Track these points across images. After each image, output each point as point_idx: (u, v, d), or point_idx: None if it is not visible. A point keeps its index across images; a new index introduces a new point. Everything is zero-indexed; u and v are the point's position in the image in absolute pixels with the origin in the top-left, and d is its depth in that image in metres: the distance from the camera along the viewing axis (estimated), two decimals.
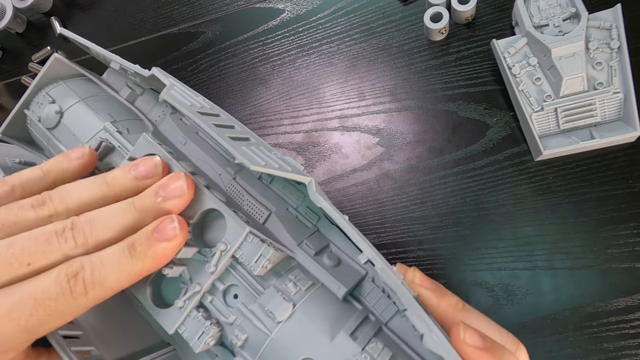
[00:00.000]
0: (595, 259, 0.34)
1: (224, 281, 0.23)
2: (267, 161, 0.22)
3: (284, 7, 0.47)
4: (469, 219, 0.37)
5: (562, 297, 0.34)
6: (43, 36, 0.55)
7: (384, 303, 0.24)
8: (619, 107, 0.35)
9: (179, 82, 0.28)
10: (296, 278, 0.23)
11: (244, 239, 0.22)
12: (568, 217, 0.35)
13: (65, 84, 0.30)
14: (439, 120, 0.40)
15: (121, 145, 0.27)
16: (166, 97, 0.22)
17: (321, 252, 0.25)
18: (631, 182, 0.35)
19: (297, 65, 0.45)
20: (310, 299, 0.23)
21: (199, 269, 0.22)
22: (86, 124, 0.28)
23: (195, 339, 0.22)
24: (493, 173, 0.38)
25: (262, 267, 0.22)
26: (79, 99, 0.29)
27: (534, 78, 0.36)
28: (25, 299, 0.18)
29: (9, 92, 0.55)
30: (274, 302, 0.22)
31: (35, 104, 0.30)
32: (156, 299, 0.23)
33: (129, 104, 0.31)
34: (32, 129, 0.30)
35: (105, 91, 0.31)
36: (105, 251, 0.20)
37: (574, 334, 0.33)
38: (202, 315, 0.22)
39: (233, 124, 0.25)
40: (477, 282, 0.36)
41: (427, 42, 0.42)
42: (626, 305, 0.33)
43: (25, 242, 0.19)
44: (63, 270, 0.19)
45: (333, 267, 0.24)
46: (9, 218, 0.20)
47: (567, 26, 0.36)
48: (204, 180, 0.25)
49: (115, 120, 0.28)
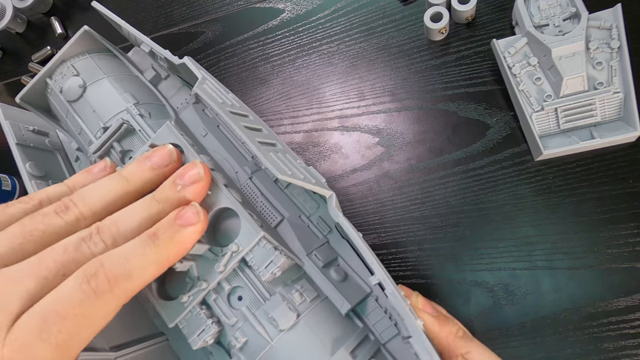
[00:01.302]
0: (595, 259, 0.34)
1: (230, 282, 0.23)
2: (293, 171, 0.22)
3: (284, 7, 0.47)
4: (469, 219, 0.37)
5: (562, 297, 0.34)
6: (43, 36, 0.55)
7: (385, 324, 0.24)
8: (619, 107, 0.35)
9: (209, 74, 0.27)
10: (302, 288, 0.23)
11: (257, 243, 0.22)
12: (568, 217, 0.35)
13: (91, 58, 0.29)
14: (439, 120, 0.40)
15: (142, 129, 0.26)
16: (199, 92, 0.22)
17: (329, 265, 0.25)
18: (631, 182, 0.35)
19: (297, 65, 0.45)
20: (314, 311, 0.22)
21: (207, 266, 0.22)
22: (108, 102, 0.28)
23: (195, 335, 0.22)
24: (493, 173, 0.38)
25: (271, 273, 0.22)
26: (104, 76, 0.28)
27: (534, 78, 0.36)
28: (49, 314, 0.17)
29: (9, 92, 0.55)
30: (279, 310, 0.22)
31: (58, 74, 0.29)
32: (159, 290, 0.23)
33: (152, 87, 0.30)
34: (52, 99, 0.30)
35: (130, 71, 0.30)
36: (127, 245, 0.19)
37: (574, 334, 0.33)
38: (205, 313, 0.22)
39: (260, 126, 0.25)
40: (477, 282, 0.36)
41: (427, 42, 0.42)
42: (626, 305, 0.33)
43: (55, 254, 0.19)
44: (81, 273, 0.18)
45: (339, 281, 0.24)
46: (37, 227, 0.20)
47: (567, 26, 0.36)
48: (223, 178, 0.25)
49: (138, 103, 0.28)
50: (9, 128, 0.29)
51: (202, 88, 0.23)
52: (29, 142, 0.30)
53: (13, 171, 0.50)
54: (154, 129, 0.26)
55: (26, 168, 0.28)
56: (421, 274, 0.37)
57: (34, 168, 0.28)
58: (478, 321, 0.35)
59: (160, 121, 0.27)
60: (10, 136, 0.29)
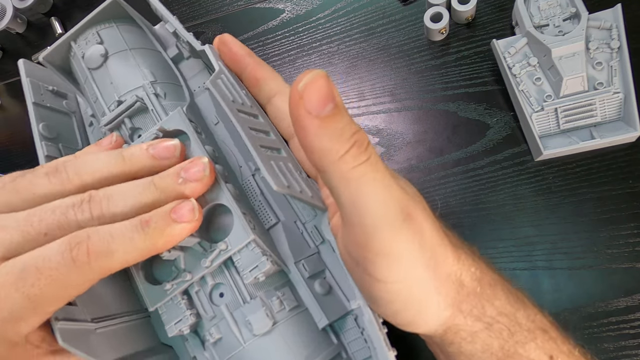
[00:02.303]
0: (595, 259, 0.34)
1: (214, 277, 0.23)
2: (291, 182, 0.22)
3: (284, 7, 0.47)
4: (469, 219, 0.37)
5: (562, 297, 0.34)
6: (43, 36, 0.55)
7: (359, 344, 0.23)
8: (619, 107, 0.35)
9: (226, 68, 0.27)
10: (284, 296, 0.23)
11: (246, 245, 0.22)
12: (568, 217, 0.35)
13: (117, 28, 0.29)
14: (439, 120, 0.40)
15: (155, 109, 0.26)
16: (211, 87, 0.22)
17: (315, 277, 0.24)
18: (631, 182, 0.35)
19: (297, 66, 0.45)
20: (291, 321, 0.23)
21: (194, 259, 0.23)
22: (127, 76, 0.27)
23: (172, 323, 0.23)
24: (493, 173, 0.38)
25: (254, 277, 0.22)
26: (126, 48, 0.28)
27: (534, 78, 0.36)
28: (29, 267, 0.18)
29: (9, 92, 0.55)
30: (256, 315, 0.22)
31: (83, 39, 0.29)
32: (146, 272, 0.24)
33: (173, 65, 0.30)
34: (74, 63, 0.30)
35: (153, 45, 0.30)
36: (117, 225, 0.20)
37: (574, 334, 0.33)
38: (185, 303, 0.23)
39: (268, 129, 0.25)
40: None
41: (427, 42, 0.42)
42: (626, 305, 0.33)
43: (43, 213, 0.20)
44: (67, 239, 0.19)
45: (322, 295, 0.24)
46: (25, 186, 0.21)
47: (567, 26, 0.36)
48: (225, 171, 0.25)
49: (156, 81, 0.28)
50: (29, 86, 0.29)
51: (215, 82, 0.22)
52: (46, 102, 0.29)
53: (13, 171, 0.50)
54: (167, 111, 0.26)
55: (39, 129, 0.28)
56: None
57: (47, 130, 0.28)
58: None
59: (175, 103, 0.27)
60: (29, 94, 0.28)
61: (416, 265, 0.20)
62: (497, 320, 0.22)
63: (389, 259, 0.19)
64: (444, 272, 0.21)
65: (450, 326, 0.22)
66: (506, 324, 0.22)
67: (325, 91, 0.17)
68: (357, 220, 0.19)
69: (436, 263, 0.20)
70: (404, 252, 0.19)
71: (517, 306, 0.22)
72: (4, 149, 0.53)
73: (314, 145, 0.17)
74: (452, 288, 0.21)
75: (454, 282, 0.21)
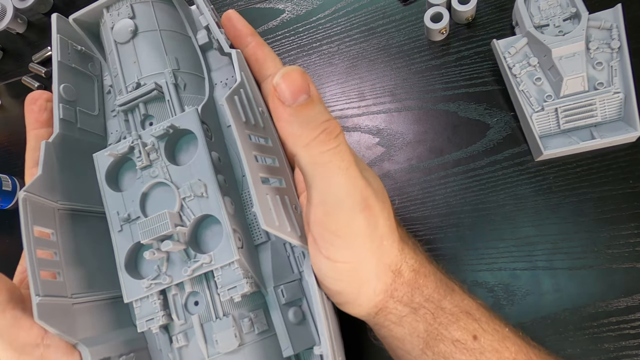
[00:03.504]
0: (595, 259, 0.34)
1: (193, 285, 0.23)
2: (282, 220, 0.22)
3: (284, 7, 0.47)
4: (469, 219, 0.37)
5: (562, 297, 0.34)
6: (43, 36, 0.55)
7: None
8: (620, 107, 0.35)
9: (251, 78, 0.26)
10: (256, 318, 0.23)
11: (229, 264, 0.22)
12: (568, 217, 0.35)
13: (151, 5, 0.28)
14: (439, 121, 0.40)
15: (171, 100, 0.26)
16: (225, 105, 0.21)
17: (290, 305, 0.24)
18: (632, 182, 0.35)
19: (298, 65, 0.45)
20: (257, 345, 0.23)
21: (176, 265, 0.23)
22: (151, 59, 0.27)
23: (144, 320, 0.23)
24: (493, 173, 0.38)
25: (230, 297, 0.22)
26: (156, 28, 0.28)
27: (534, 78, 0.36)
28: None
29: (9, 93, 0.55)
30: (224, 334, 0.22)
31: (115, 9, 0.28)
32: (130, 262, 0.24)
33: (200, 54, 0.30)
34: (103, 31, 0.29)
35: (184, 29, 0.30)
36: None
37: (574, 334, 0.33)
38: (160, 304, 0.23)
39: (275, 155, 0.24)
40: (477, 282, 0.36)
41: (428, 42, 0.42)
42: (627, 305, 0.33)
43: None
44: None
45: (294, 324, 0.24)
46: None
47: (567, 26, 0.36)
48: (226, 182, 0.24)
49: (179, 69, 0.27)
50: (58, 43, 0.28)
51: (231, 99, 0.22)
52: (71, 62, 0.29)
53: (13, 171, 0.50)
54: (183, 104, 0.26)
55: (60, 90, 0.27)
56: None
57: (67, 91, 0.28)
58: None
59: (193, 96, 0.27)
60: (56, 52, 0.28)
61: (364, 250, 0.22)
62: (422, 305, 0.24)
63: (342, 240, 0.21)
64: (386, 262, 0.23)
65: (381, 308, 0.24)
66: (430, 309, 0.24)
67: (298, 84, 0.19)
68: (320, 199, 0.21)
69: (381, 253, 0.23)
70: (356, 237, 0.21)
71: (445, 294, 0.25)
72: (4, 149, 0.53)
73: (286, 131, 0.19)
74: (390, 276, 0.24)
75: (393, 271, 0.24)
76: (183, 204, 0.23)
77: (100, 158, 0.25)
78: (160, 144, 0.24)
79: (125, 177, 0.26)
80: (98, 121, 0.29)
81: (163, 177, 0.24)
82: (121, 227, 0.24)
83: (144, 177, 0.24)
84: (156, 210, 0.23)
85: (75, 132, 0.27)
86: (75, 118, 0.27)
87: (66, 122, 0.27)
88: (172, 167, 0.24)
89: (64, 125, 0.26)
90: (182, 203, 0.23)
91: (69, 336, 0.21)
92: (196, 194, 0.23)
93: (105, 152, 0.25)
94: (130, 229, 0.24)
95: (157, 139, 0.24)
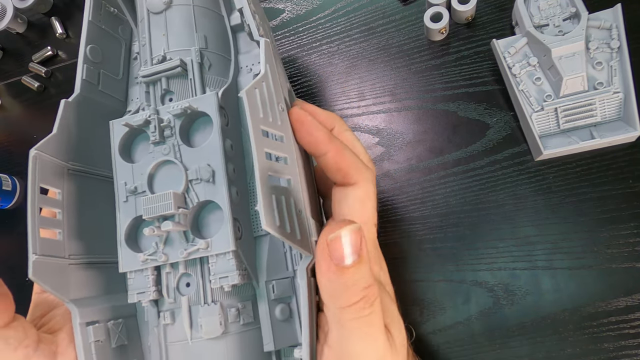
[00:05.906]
0: (595, 259, 0.34)
1: (187, 267, 0.24)
2: (284, 222, 0.21)
3: (284, 7, 0.47)
4: (469, 219, 0.37)
5: (562, 297, 0.34)
6: (43, 36, 0.55)
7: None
8: (619, 107, 0.35)
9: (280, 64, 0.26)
10: (244, 309, 0.23)
11: (224, 254, 0.22)
12: (568, 217, 0.35)
13: None
14: (439, 120, 0.40)
15: (193, 79, 0.26)
16: (243, 97, 0.20)
17: (279, 302, 0.25)
18: (631, 182, 0.35)
19: (297, 65, 0.45)
20: (240, 336, 0.23)
21: (174, 244, 0.23)
22: (181, 34, 0.27)
23: (135, 292, 0.23)
24: (493, 173, 0.38)
25: (220, 286, 0.22)
26: (190, 4, 0.28)
27: (534, 78, 0.36)
28: None
29: (9, 93, 0.55)
30: (209, 320, 0.22)
31: None
32: (129, 232, 0.24)
33: (230, 35, 0.29)
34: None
35: (218, 7, 0.29)
36: None
37: (574, 334, 0.33)
38: (153, 279, 0.23)
39: (286, 154, 0.24)
40: (477, 282, 0.36)
41: (427, 42, 0.42)
42: (626, 305, 0.33)
43: None
44: None
45: (280, 321, 0.24)
46: None
47: (567, 26, 0.36)
48: (235, 170, 0.24)
49: (206, 48, 0.27)
50: (91, 1, 0.28)
51: (251, 93, 0.21)
52: (101, 23, 0.29)
53: (13, 171, 0.50)
54: (205, 85, 0.26)
55: (86, 51, 0.27)
56: (421, 274, 0.37)
57: (93, 52, 0.28)
58: (478, 321, 0.35)
59: (216, 78, 0.27)
60: (88, 11, 0.28)
61: None
62: None
63: None
64: None
65: None
66: None
67: (352, 248, 0.19)
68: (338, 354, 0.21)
69: None
70: None
71: None
72: (4, 149, 0.53)
73: (326, 288, 0.20)
74: None
75: None
76: (189, 186, 0.23)
77: (116, 126, 0.25)
78: (176, 122, 0.24)
79: (138, 149, 0.26)
80: (120, 86, 0.29)
81: (173, 156, 0.24)
82: (127, 198, 0.24)
83: (155, 152, 0.24)
84: (163, 187, 0.24)
85: (95, 95, 0.27)
86: (97, 80, 0.27)
87: (88, 84, 0.27)
88: (184, 147, 0.24)
89: (85, 86, 0.26)
90: (189, 185, 0.23)
91: (62, 295, 0.22)
92: (203, 178, 0.23)
93: (122, 122, 0.25)
94: (135, 202, 0.24)
95: (174, 117, 0.24)
